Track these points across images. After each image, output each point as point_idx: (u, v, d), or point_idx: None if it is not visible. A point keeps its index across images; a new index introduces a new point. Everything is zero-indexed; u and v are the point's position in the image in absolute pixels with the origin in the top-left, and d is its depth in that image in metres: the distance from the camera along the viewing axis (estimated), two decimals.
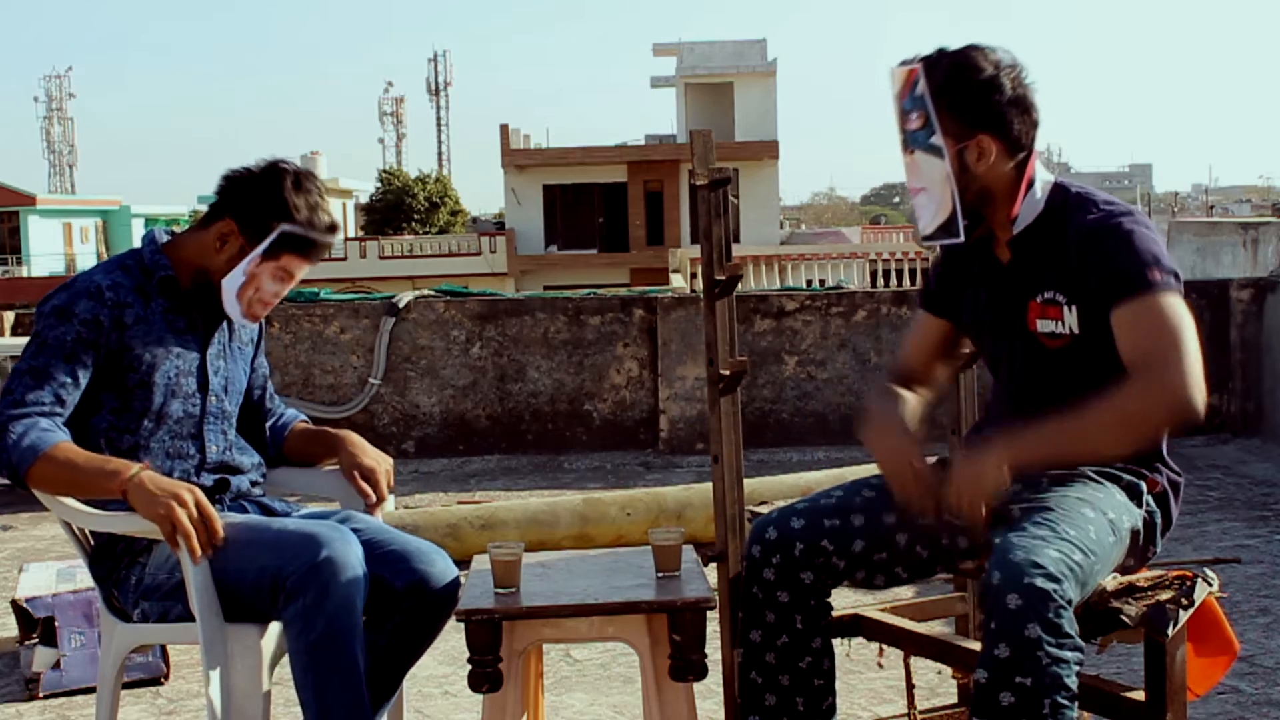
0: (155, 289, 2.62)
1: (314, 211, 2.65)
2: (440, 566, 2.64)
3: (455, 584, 2.64)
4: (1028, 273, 2.40)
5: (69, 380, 2.51)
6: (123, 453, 2.59)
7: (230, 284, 2.62)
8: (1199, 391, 2.16)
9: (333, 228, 2.69)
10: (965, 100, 2.32)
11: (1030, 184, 2.38)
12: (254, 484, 2.79)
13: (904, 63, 2.37)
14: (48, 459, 2.45)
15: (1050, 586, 2.01)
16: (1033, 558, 2.04)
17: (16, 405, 2.48)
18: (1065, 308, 2.35)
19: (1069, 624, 2.03)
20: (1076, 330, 2.34)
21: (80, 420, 2.60)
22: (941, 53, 2.35)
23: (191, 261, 2.64)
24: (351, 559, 2.46)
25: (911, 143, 2.37)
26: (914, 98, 2.34)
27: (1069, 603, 2.04)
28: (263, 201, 2.61)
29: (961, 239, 2.37)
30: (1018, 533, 2.13)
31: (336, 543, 2.46)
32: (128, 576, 2.62)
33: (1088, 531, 2.16)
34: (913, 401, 2.59)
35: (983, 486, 2.19)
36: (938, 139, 2.33)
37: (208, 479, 2.68)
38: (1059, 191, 2.40)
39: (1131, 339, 2.23)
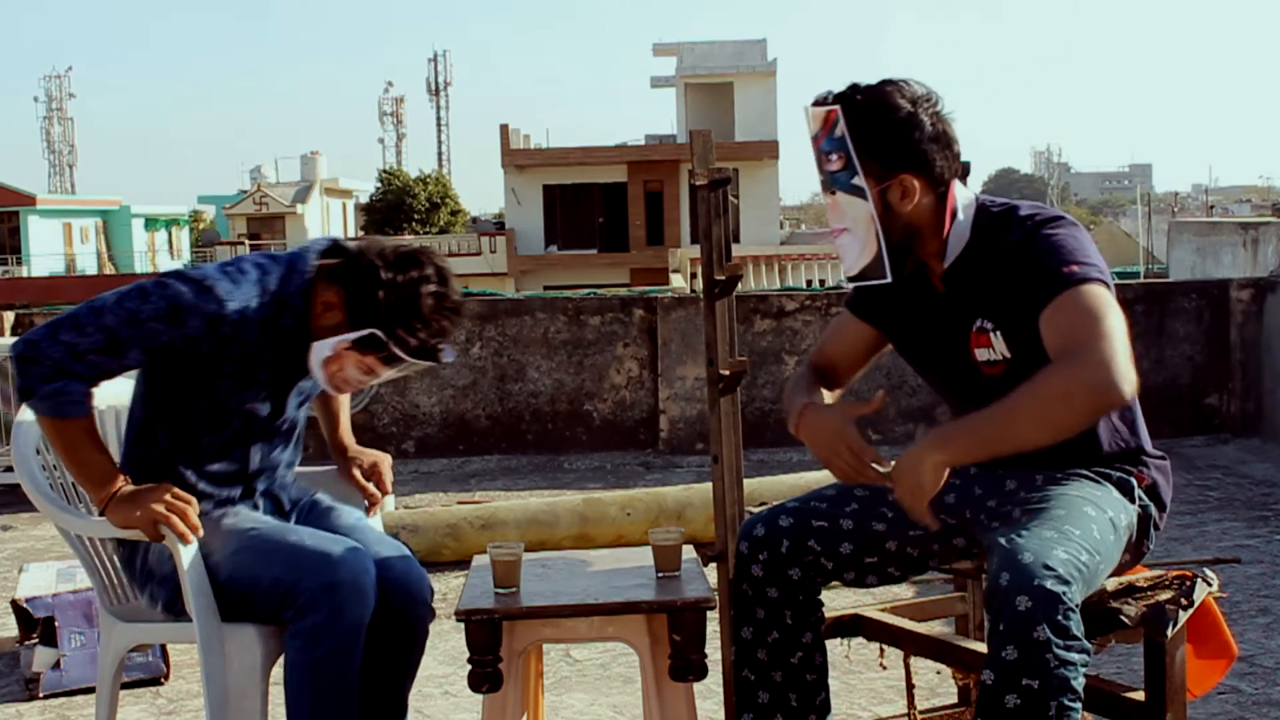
0: (276, 329, 2.51)
1: (414, 329, 2.45)
2: (405, 568, 2.62)
3: (421, 579, 2.64)
4: (963, 303, 2.37)
5: (130, 366, 2.46)
6: (175, 439, 2.55)
7: (318, 352, 2.51)
8: (1120, 372, 2.09)
9: (428, 352, 2.48)
10: (885, 141, 2.28)
11: (954, 215, 2.35)
12: (278, 485, 2.76)
13: (818, 102, 2.32)
14: (65, 424, 2.42)
15: (1060, 589, 2.01)
16: (1043, 559, 2.03)
17: (75, 356, 2.38)
18: (993, 334, 2.33)
19: (1076, 626, 2.02)
20: (1008, 354, 2.32)
21: (139, 390, 2.58)
22: (856, 90, 2.31)
23: (307, 306, 2.53)
24: (366, 584, 2.46)
25: (833, 184, 2.33)
26: (833, 139, 2.30)
27: (1077, 606, 2.03)
28: (371, 295, 2.43)
29: (889, 279, 2.35)
30: (1023, 533, 2.12)
31: (353, 564, 2.45)
32: (132, 558, 2.61)
33: (1091, 531, 2.16)
34: (830, 400, 2.58)
35: (923, 492, 2.16)
36: (859, 180, 2.30)
37: (235, 490, 2.65)
38: (982, 213, 2.37)
39: (1052, 333, 2.19)
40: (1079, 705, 2.03)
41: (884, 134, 2.28)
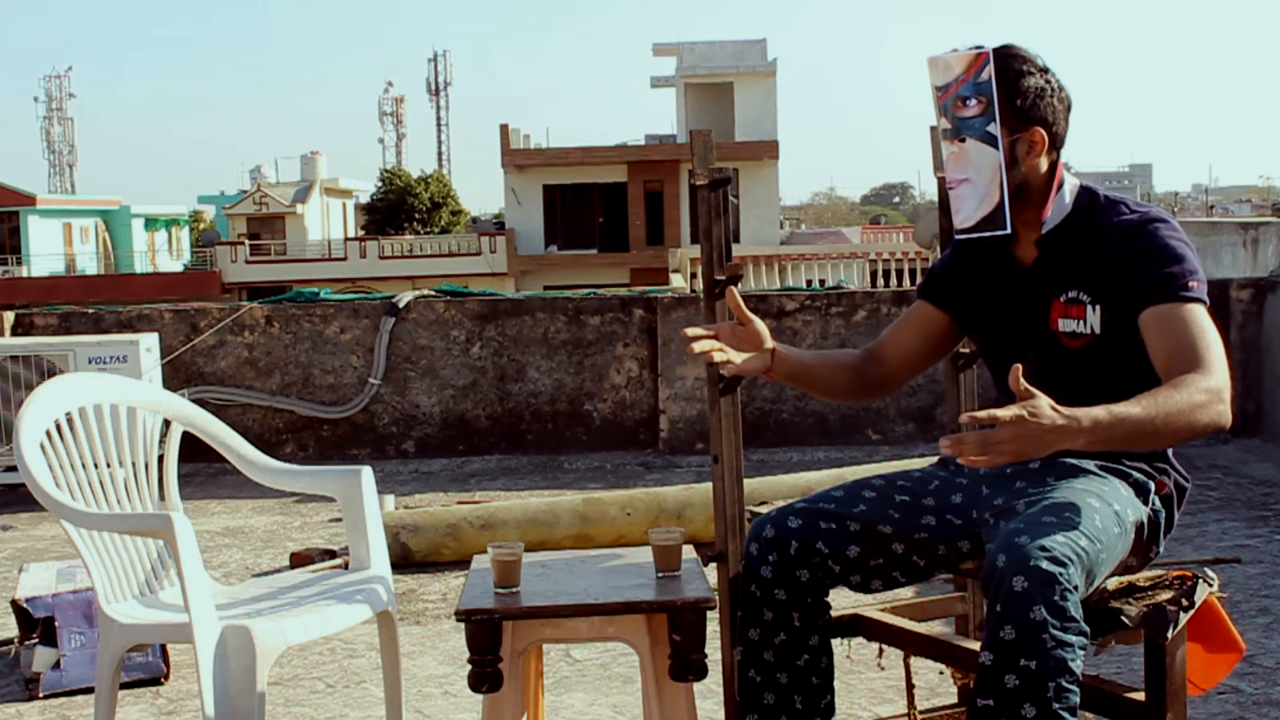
0: None
1: None
2: None
3: None
4: (1053, 273, 2.41)
5: None
6: None
7: None
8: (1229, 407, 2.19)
9: None
10: (1024, 91, 2.34)
11: (1060, 185, 2.40)
12: None
13: (967, 48, 2.36)
14: None
15: (1056, 570, 2.02)
16: (1039, 541, 2.05)
17: None
18: (1089, 307, 2.36)
19: (1074, 608, 2.03)
20: (1098, 330, 2.35)
21: None
22: (992, 47, 2.37)
23: None
24: None
25: (964, 129, 2.36)
26: (977, 83, 2.33)
27: (1075, 587, 2.04)
28: None
29: (1007, 230, 2.37)
30: (1021, 519, 2.14)
31: None
32: None
33: (1093, 520, 2.16)
34: (838, 358, 2.61)
35: (1026, 457, 2.05)
36: (994, 127, 2.33)
37: None
38: (1086, 194, 2.42)
39: (1176, 341, 2.22)
40: (1077, 688, 2.03)
41: (1023, 85, 2.33)
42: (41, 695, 3.68)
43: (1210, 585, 2.31)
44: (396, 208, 49.02)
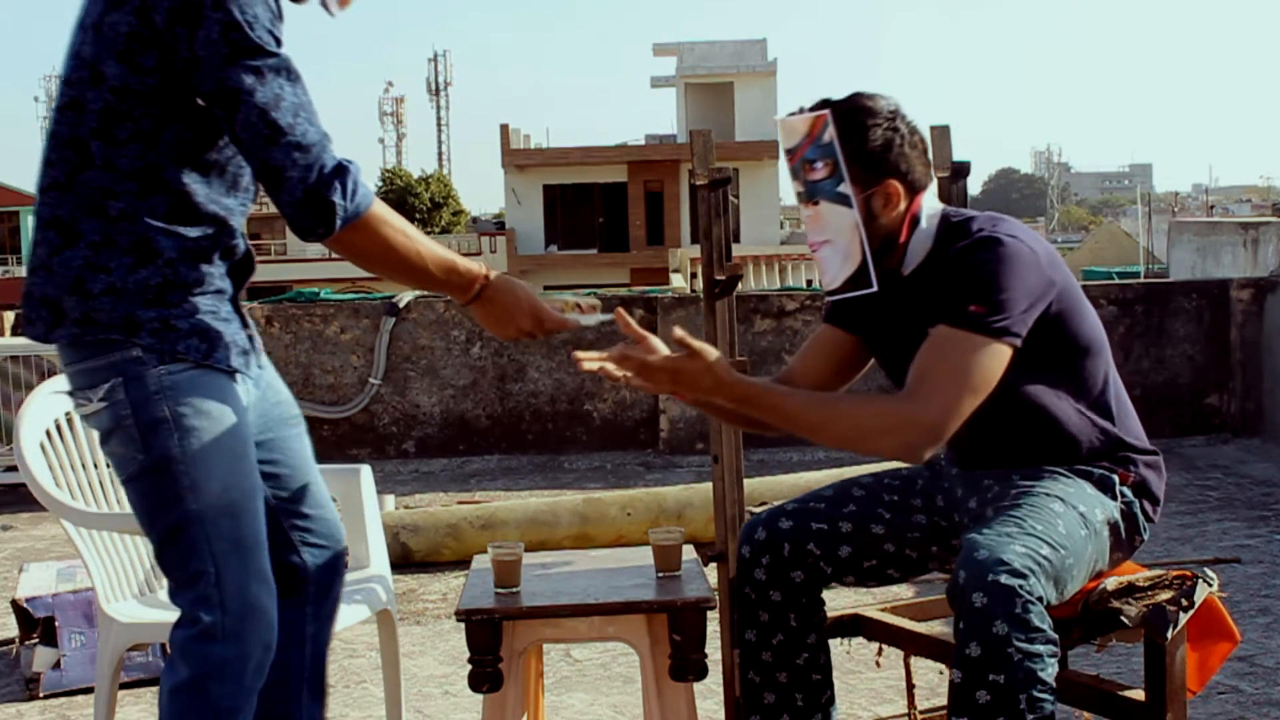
0: None
1: None
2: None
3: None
4: (921, 308, 2.34)
5: None
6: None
7: None
8: (935, 444, 2.15)
9: None
10: (870, 146, 2.27)
11: (915, 222, 2.34)
12: None
13: (800, 111, 2.31)
14: (381, 209, 2.16)
15: (1015, 582, 2.02)
16: (997, 555, 2.05)
17: (329, 140, 2.07)
18: None
19: (1038, 618, 2.03)
20: None
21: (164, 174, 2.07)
22: (834, 102, 2.30)
23: None
24: (267, 661, 2.12)
25: (815, 193, 2.30)
26: (820, 146, 2.28)
27: (1039, 598, 2.04)
28: None
29: (874, 288, 2.32)
30: (984, 530, 2.14)
31: (274, 631, 2.12)
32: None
33: (1055, 526, 2.16)
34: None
35: (671, 393, 2.28)
36: (845, 187, 2.28)
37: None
38: (944, 222, 2.36)
39: (923, 364, 2.19)
40: (1050, 696, 2.04)
41: (868, 140, 2.27)
42: (41, 695, 3.68)
43: (1210, 585, 2.31)
44: (397, 208, 48.61)
